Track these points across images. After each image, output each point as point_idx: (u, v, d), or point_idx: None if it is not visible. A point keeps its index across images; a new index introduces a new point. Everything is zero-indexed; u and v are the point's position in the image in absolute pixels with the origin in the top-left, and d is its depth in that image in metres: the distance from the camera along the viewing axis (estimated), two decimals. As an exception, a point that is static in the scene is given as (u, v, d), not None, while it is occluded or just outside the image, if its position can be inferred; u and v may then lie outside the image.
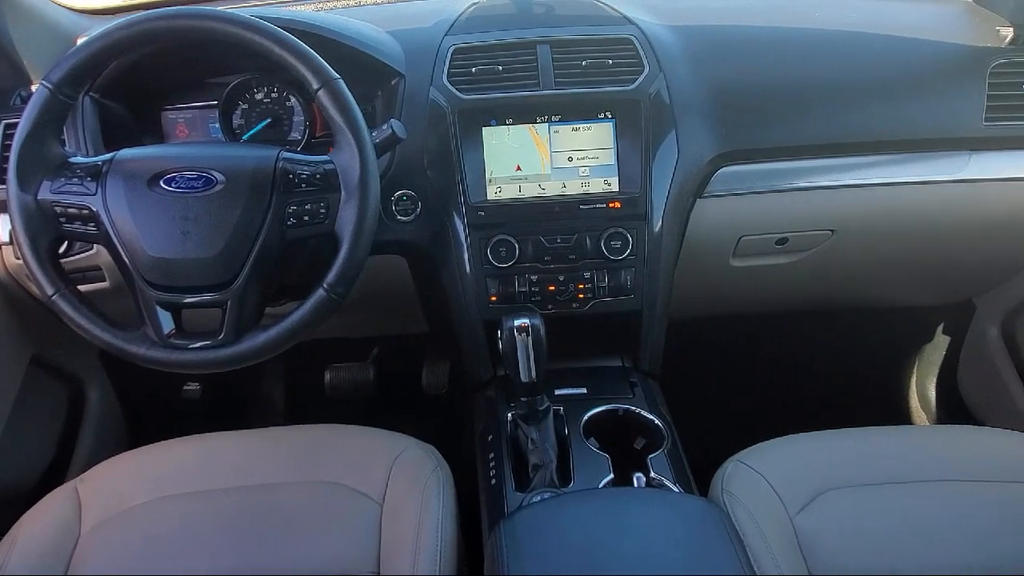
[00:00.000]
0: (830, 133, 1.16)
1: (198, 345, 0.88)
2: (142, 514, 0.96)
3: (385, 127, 0.96)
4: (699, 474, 1.00)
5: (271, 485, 0.98)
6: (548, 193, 1.11)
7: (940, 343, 1.64)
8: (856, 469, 0.97)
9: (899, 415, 1.71)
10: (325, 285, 0.87)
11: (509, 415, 1.03)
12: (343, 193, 0.87)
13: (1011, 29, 1.22)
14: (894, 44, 1.22)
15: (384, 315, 1.50)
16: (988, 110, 1.16)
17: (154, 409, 1.61)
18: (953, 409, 1.60)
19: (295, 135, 1.20)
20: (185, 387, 1.63)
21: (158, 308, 0.88)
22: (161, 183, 0.87)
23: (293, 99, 1.20)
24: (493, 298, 1.11)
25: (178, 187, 0.87)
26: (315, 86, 0.87)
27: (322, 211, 0.88)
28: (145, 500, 0.97)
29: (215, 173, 0.88)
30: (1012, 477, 0.95)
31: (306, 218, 0.88)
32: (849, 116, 1.16)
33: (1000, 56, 1.19)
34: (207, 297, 0.87)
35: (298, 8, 1.35)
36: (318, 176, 0.88)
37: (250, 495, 0.97)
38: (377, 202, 0.89)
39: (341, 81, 0.88)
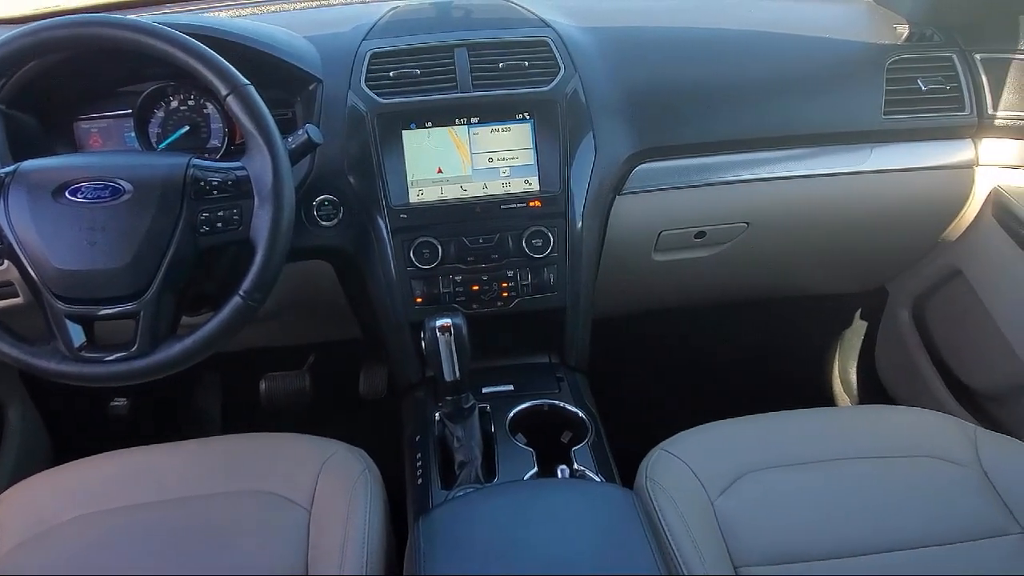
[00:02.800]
0: (741, 129, 1.20)
1: (112, 358, 0.87)
2: (62, 533, 0.94)
3: (301, 132, 0.96)
4: (630, 464, 1.02)
5: (197, 497, 0.97)
6: (470, 194, 1.12)
7: (858, 328, 1.71)
8: (773, 451, 1.00)
9: (823, 398, 1.78)
10: (241, 292, 0.87)
11: (436, 415, 1.03)
12: (256, 199, 0.87)
13: (907, 26, 1.28)
14: (800, 43, 1.27)
15: (316, 322, 1.50)
16: (887, 104, 1.22)
17: (80, 427, 1.57)
18: (872, 390, 1.68)
19: (215, 142, 1.19)
20: (112, 403, 1.59)
21: (68, 321, 0.86)
22: (66, 194, 0.86)
23: (211, 106, 1.18)
24: (418, 300, 1.12)
25: (84, 197, 0.85)
26: (224, 92, 0.87)
27: (235, 217, 0.87)
28: (66, 519, 0.95)
29: (122, 182, 0.86)
30: (919, 452, 1.00)
31: (219, 225, 0.87)
32: (758, 112, 1.21)
33: (897, 53, 1.25)
34: (119, 308, 0.86)
35: (212, 15, 1.33)
36: (230, 182, 0.88)
37: (175, 508, 0.96)
38: (292, 207, 0.89)
39: (251, 87, 0.88)
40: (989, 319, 1.31)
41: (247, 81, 0.88)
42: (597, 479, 0.94)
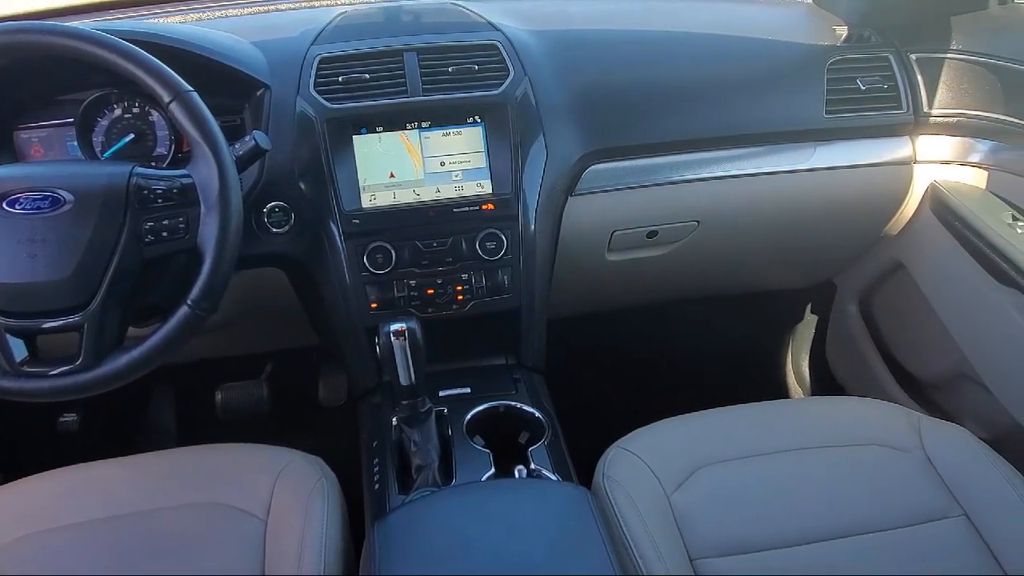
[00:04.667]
0: (689, 129, 1.22)
1: (56, 372, 0.85)
2: (9, 555, 0.91)
3: (248, 139, 0.95)
4: (590, 463, 1.03)
5: (149, 512, 0.95)
6: (423, 198, 1.12)
7: (809, 322, 1.75)
8: (727, 445, 1.02)
9: (777, 392, 1.82)
10: (189, 301, 0.86)
11: (393, 419, 1.03)
12: (203, 207, 0.86)
13: (846, 28, 1.32)
14: (744, 45, 1.30)
15: (272, 330, 1.48)
16: (828, 103, 1.26)
17: (27, 444, 1.52)
18: (824, 382, 1.72)
19: (161, 150, 1.17)
20: (61, 418, 1.55)
21: (8, 336, 0.84)
22: (4, 205, 0.83)
23: (156, 113, 1.16)
24: (373, 305, 1.12)
25: (23, 208, 0.83)
26: (166, 99, 0.85)
27: (181, 226, 0.86)
28: (12, 539, 0.92)
29: (62, 192, 0.84)
30: (866, 441, 1.03)
31: (165, 234, 0.86)
32: (705, 113, 1.23)
33: (837, 53, 1.29)
34: (62, 321, 0.84)
35: (156, 21, 1.31)
36: (175, 190, 0.86)
37: (126, 524, 0.94)
38: (240, 214, 0.88)
39: (194, 93, 0.87)
40: (930, 310, 1.36)
41: (190, 87, 0.87)
42: (554, 478, 0.95)
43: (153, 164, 1.13)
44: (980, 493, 0.94)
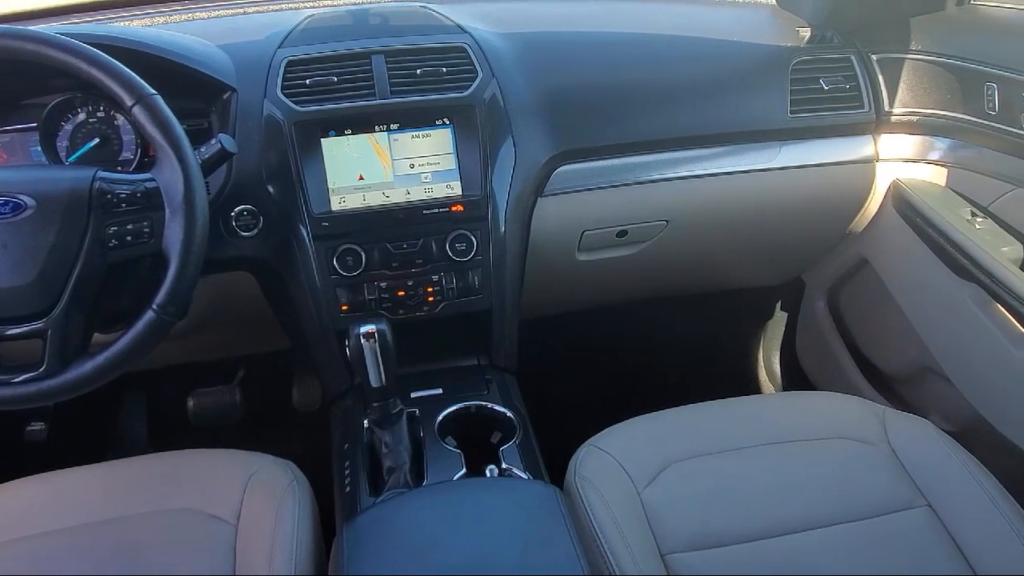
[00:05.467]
0: (656, 130, 1.23)
1: (20, 379, 0.84)
2: (-27, 566, 0.90)
3: (214, 142, 0.94)
4: (563, 462, 1.03)
5: (119, 519, 0.94)
6: (392, 200, 1.12)
7: (779, 319, 1.77)
8: (697, 441, 1.03)
9: (749, 388, 1.84)
10: (155, 306, 0.85)
11: (365, 422, 1.03)
12: (168, 211, 0.86)
13: (809, 29, 1.35)
14: (709, 46, 1.31)
15: (244, 334, 1.47)
16: (792, 103, 1.28)
17: None
18: (795, 378, 1.74)
19: (127, 154, 1.16)
20: (28, 427, 1.52)
21: None
22: None
23: (121, 117, 1.15)
24: (344, 307, 1.12)
25: None
26: (129, 103, 0.85)
27: (146, 230, 0.86)
28: (-25, 550, 0.91)
29: (24, 197, 0.83)
30: (832, 434, 1.04)
31: (129, 239, 0.85)
32: (672, 113, 1.25)
33: (800, 54, 1.31)
34: (25, 328, 0.83)
35: (121, 24, 1.30)
36: (139, 194, 0.86)
37: (95, 532, 0.93)
38: (205, 217, 0.87)
39: (157, 96, 0.86)
40: (894, 305, 1.38)
41: (153, 91, 0.86)
42: (525, 477, 0.95)
43: (119, 168, 1.12)
44: (943, 484, 0.96)
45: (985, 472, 0.96)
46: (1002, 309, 1.14)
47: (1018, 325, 1.11)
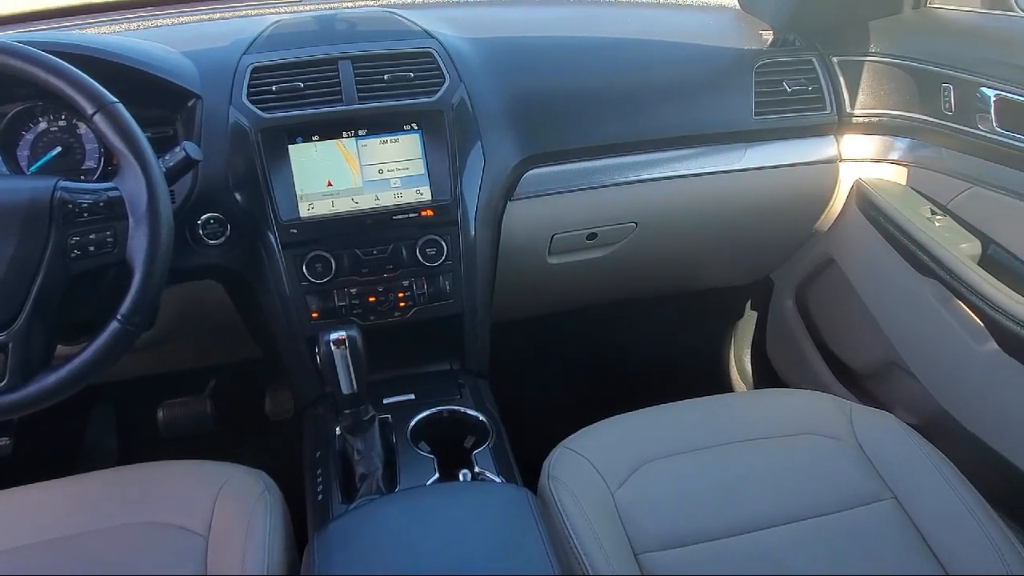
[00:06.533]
0: (622, 133, 1.25)
1: None
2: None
3: (178, 150, 0.93)
4: (537, 465, 1.03)
5: (87, 534, 0.93)
6: (361, 206, 1.12)
7: (749, 318, 1.80)
8: (669, 440, 1.04)
9: (721, 387, 1.86)
10: (119, 316, 0.84)
11: (337, 429, 1.03)
12: (131, 220, 0.85)
13: (772, 32, 1.37)
14: (675, 49, 1.33)
15: (213, 344, 1.45)
16: (757, 105, 1.30)
17: None
18: (766, 376, 1.77)
19: (90, 163, 1.14)
20: None
21: None
22: None
23: (83, 126, 1.13)
24: (314, 315, 1.11)
25: None
26: (90, 111, 0.84)
27: (109, 240, 0.85)
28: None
29: None
30: (801, 430, 1.06)
31: (92, 248, 0.84)
32: (639, 116, 1.26)
33: (763, 57, 1.33)
34: None
35: (83, 32, 1.28)
36: (102, 204, 0.85)
37: (65, 548, 0.91)
38: (170, 226, 0.86)
39: (119, 104, 0.85)
40: (860, 303, 1.41)
41: (115, 99, 0.85)
42: (498, 481, 0.95)
43: (83, 178, 1.11)
44: (908, 476, 0.98)
45: (948, 464, 0.98)
46: (962, 305, 1.16)
47: (977, 320, 1.14)
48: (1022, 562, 0.84)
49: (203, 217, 1.09)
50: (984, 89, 1.13)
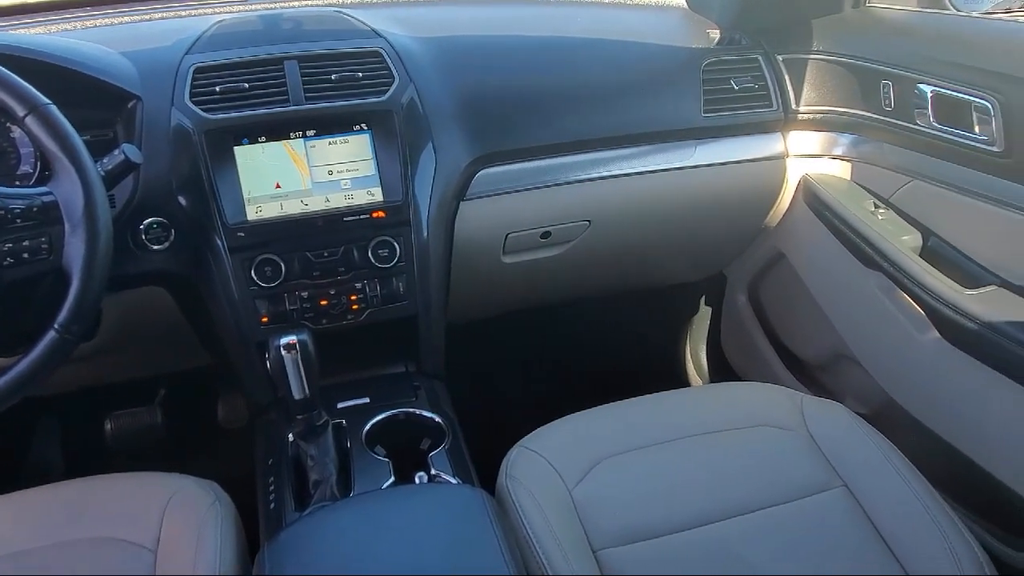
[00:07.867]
0: (573, 131, 1.25)
1: None
2: None
3: (117, 153, 0.91)
4: (496, 465, 1.03)
5: (29, 552, 0.89)
6: (311, 208, 1.10)
7: (704, 313, 1.82)
8: (626, 437, 1.05)
9: (678, 382, 1.88)
10: (57, 325, 0.81)
11: (290, 435, 1.01)
12: (67, 225, 0.82)
13: (719, 31, 1.39)
14: (624, 48, 1.34)
15: (162, 352, 1.42)
16: (705, 103, 1.32)
17: None
18: (721, 370, 1.79)
19: (26, 168, 1.10)
20: None
21: None
22: None
23: (17, 129, 1.09)
24: (264, 319, 1.09)
25: None
26: (21, 113, 0.81)
27: (44, 246, 0.82)
28: None
29: None
30: (753, 423, 1.07)
31: (26, 256, 0.81)
32: (589, 115, 1.26)
33: (711, 55, 1.35)
34: None
35: (15, 32, 1.24)
36: (35, 209, 0.82)
37: (5, 567, 0.88)
38: (109, 231, 0.84)
39: (51, 106, 0.82)
40: (809, 296, 1.44)
41: (47, 101, 0.82)
42: (454, 483, 0.95)
43: (18, 183, 1.07)
44: (857, 464, 1.00)
45: (896, 451, 1.01)
46: (905, 296, 1.20)
47: (919, 310, 1.17)
48: (966, 544, 0.87)
49: (146, 222, 1.06)
50: (921, 85, 1.17)
